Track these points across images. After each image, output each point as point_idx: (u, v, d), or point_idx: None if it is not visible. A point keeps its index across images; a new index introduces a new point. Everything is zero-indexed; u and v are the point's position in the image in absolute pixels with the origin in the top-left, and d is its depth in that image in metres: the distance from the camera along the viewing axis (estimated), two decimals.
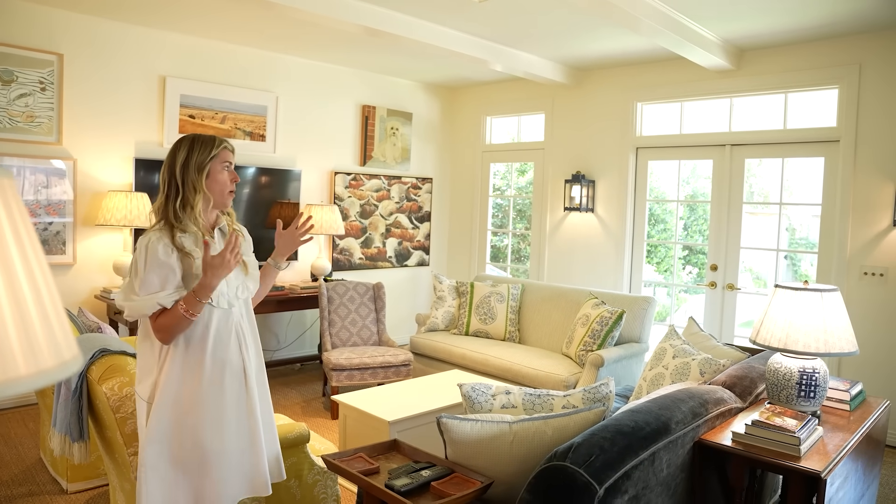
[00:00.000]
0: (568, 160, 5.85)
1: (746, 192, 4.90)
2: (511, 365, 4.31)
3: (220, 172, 2.00)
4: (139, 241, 1.91)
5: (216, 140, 2.00)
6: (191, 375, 1.93)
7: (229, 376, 1.97)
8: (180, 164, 1.96)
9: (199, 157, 1.97)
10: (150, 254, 1.87)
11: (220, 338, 1.96)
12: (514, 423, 2.01)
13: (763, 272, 8.23)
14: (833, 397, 2.46)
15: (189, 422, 1.91)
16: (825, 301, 2.20)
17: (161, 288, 1.87)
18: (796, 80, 4.46)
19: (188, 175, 1.95)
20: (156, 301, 1.85)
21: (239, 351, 2.00)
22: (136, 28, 4.70)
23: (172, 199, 1.95)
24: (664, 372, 3.16)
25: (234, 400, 1.98)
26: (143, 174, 4.73)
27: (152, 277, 1.87)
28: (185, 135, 2.04)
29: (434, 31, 4.54)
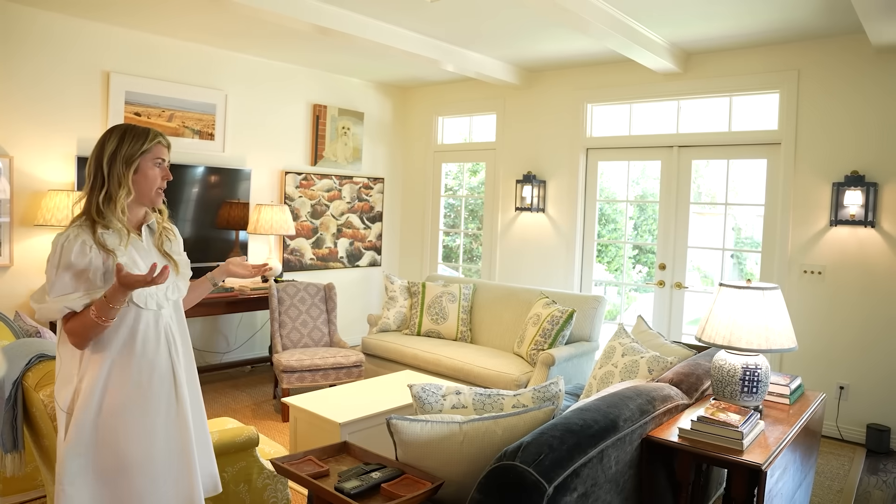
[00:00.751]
0: (519, 160, 5.89)
1: (694, 192, 5.03)
2: (463, 365, 4.31)
3: (151, 168, 1.87)
4: (55, 239, 1.78)
5: (150, 133, 1.88)
6: (115, 381, 1.79)
7: (157, 382, 1.85)
8: (108, 154, 1.82)
9: (128, 149, 1.83)
10: (64, 253, 1.74)
11: (148, 341, 1.84)
12: (465, 424, 2.00)
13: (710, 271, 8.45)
14: (774, 392, 2.54)
15: (113, 431, 1.78)
16: (767, 299, 2.27)
17: (73, 290, 1.74)
18: (740, 84, 4.60)
19: (115, 168, 1.81)
20: (64, 304, 1.72)
21: (168, 355, 1.88)
22: (78, 21, 4.51)
23: (97, 192, 1.81)
24: (613, 370, 3.21)
25: (164, 407, 1.86)
26: None
27: (64, 278, 1.74)
28: (118, 124, 1.91)
29: (386, 30, 4.51)
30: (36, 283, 4.43)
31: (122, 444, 1.79)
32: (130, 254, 1.83)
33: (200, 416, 2.01)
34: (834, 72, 4.25)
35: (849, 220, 4.14)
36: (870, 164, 4.13)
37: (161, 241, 1.98)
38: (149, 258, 1.89)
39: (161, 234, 1.98)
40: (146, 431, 1.82)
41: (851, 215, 4.12)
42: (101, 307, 1.70)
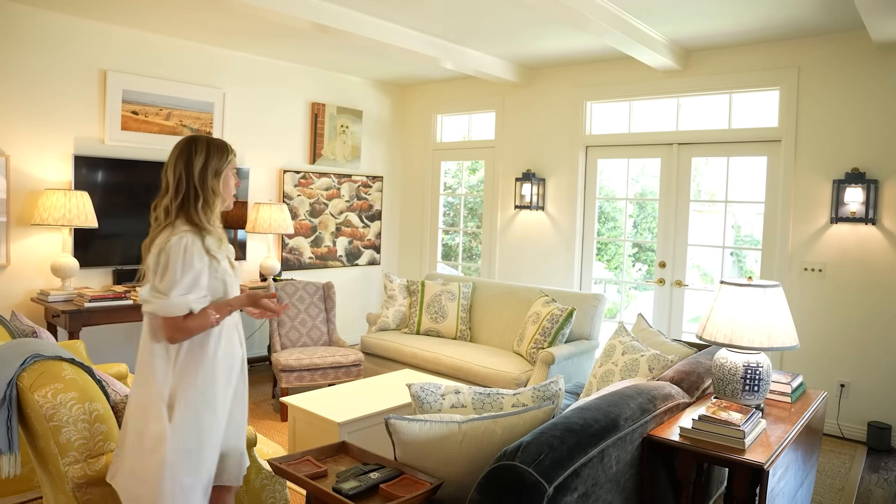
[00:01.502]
0: (518, 158, 5.87)
1: (694, 190, 5.01)
2: (462, 363, 4.29)
3: (231, 178, 2.12)
4: (173, 242, 1.92)
5: (228, 146, 2.11)
6: (208, 371, 1.97)
7: (235, 369, 2.08)
8: (199, 167, 2.00)
9: (216, 162, 2.04)
10: (188, 257, 1.91)
11: (230, 334, 2.06)
12: (464, 423, 1.99)
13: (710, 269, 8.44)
14: (776, 390, 2.53)
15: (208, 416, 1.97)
16: (768, 297, 2.25)
17: (190, 290, 1.91)
18: (740, 81, 4.58)
19: (207, 179, 2.00)
20: (188, 304, 1.89)
21: (240, 345, 2.12)
22: (74, 19, 4.48)
23: (193, 202, 1.99)
24: (614, 368, 3.20)
25: (240, 390, 2.11)
26: (84, 171, 4.51)
27: (186, 279, 1.90)
28: (195, 136, 2.07)
29: (384, 28, 4.49)
30: (33, 283, 4.41)
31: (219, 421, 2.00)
32: (224, 259, 2.04)
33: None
34: (834, 69, 4.23)
35: (849, 218, 4.12)
36: (870, 161, 4.11)
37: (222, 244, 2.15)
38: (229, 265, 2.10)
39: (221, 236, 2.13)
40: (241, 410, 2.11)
41: (852, 212, 4.10)
42: (223, 311, 1.97)
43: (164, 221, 1.99)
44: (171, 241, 1.92)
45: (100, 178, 4.60)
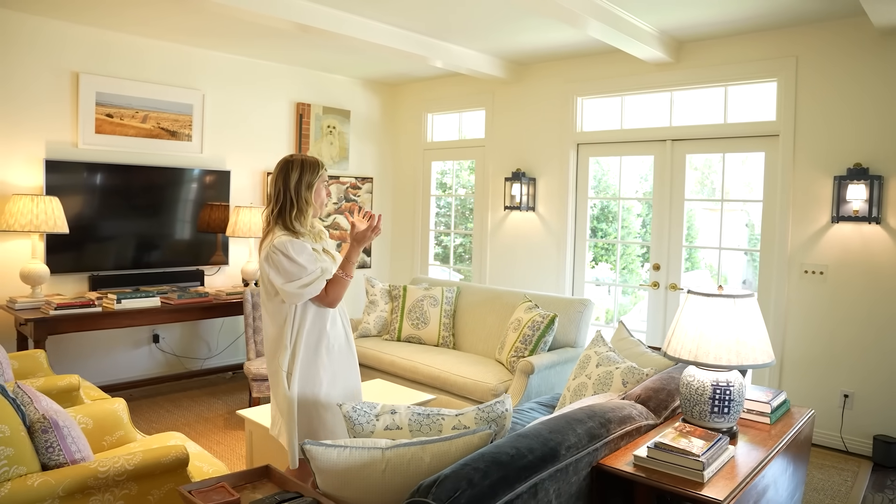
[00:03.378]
0: (508, 157, 5.66)
1: (709, 188, 4.77)
2: (440, 373, 4.10)
3: (322, 189, 2.47)
4: (276, 244, 2.32)
5: (320, 162, 2.45)
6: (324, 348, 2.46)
7: (349, 349, 2.56)
8: (294, 182, 2.37)
9: (308, 177, 2.39)
10: (297, 246, 2.33)
11: (338, 318, 2.52)
12: (388, 450, 1.79)
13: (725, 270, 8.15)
14: (754, 409, 2.30)
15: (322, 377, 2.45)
16: (738, 308, 2.03)
17: (314, 266, 2.34)
18: (735, 73, 4.32)
19: (301, 192, 2.37)
20: (322, 278, 2.35)
21: (346, 331, 2.57)
22: (42, 20, 4.36)
23: (288, 211, 2.37)
24: (587, 382, 2.98)
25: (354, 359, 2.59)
26: (56, 176, 4.39)
27: (307, 263, 2.33)
28: (292, 156, 2.45)
29: (367, 26, 4.32)
30: (5, 291, 4.31)
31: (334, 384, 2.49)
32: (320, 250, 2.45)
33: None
34: (834, 58, 3.96)
35: (852, 217, 3.85)
36: (874, 156, 3.84)
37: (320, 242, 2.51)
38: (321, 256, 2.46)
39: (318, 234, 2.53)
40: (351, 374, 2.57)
41: (855, 211, 3.83)
42: (347, 267, 2.40)
43: (266, 229, 2.43)
44: (275, 244, 2.33)
45: (73, 183, 4.48)
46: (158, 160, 4.93)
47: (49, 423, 2.14)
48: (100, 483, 2.11)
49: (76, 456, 2.20)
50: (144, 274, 4.87)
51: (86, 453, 2.25)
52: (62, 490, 2.03)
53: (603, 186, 8.15)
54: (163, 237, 4.99)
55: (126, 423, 2.78)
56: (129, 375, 4.90)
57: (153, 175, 4.87)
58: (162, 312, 4.39)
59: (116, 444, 2.73)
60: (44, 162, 4.36)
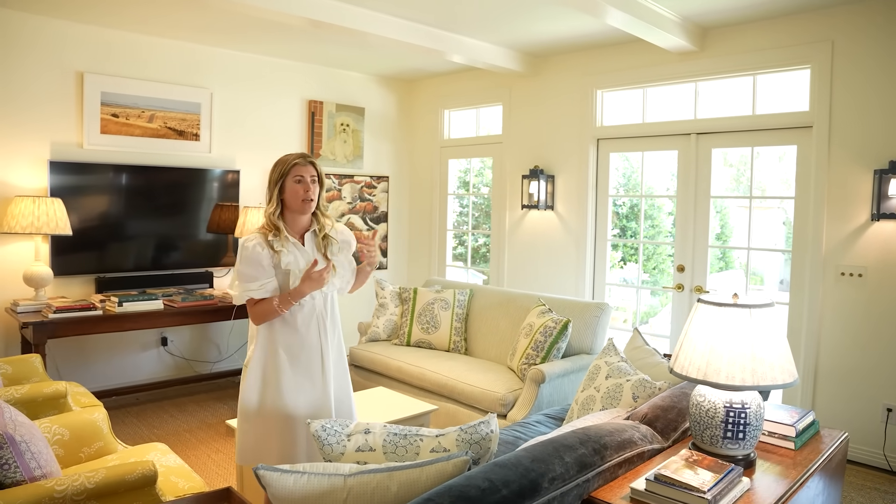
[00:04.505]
0: (526, 154, 5.43)
1: (745, 185, 4.48)
2: (447, 380, 3.90)
3: (293, 185, 2.35)
4: (240, 242, 2.35)
5: (290, 157, 2.38)
6: (276, 348, 2.39)
7: (307, 353, 2.41)
8: (271, 180, 2.37)
9: (276, 173, 2.36)
10: (242, 251, 2.33)
11: (303, 323, 2.40)
12: (351, 477, 1.61)
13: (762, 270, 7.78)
14: (776, 432, 2.04)
15: (272, 384, 2.38)
16: (754, 319, 1.78)
17: (252, 279, 2.31)
18: (765, 61, 4.02)
19: (273, 189, 2.37)
20: (247, 293, 2.32)
21: (318, 334, 2.43)
22: (45, 20, 4.30)
23: (269, 208, 2.37)
24: (595, 395, 2.75)
25: (311, 374, 2.42)
26: (61, 177, 4.33)
27: (245, 270, 2.32)
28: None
29: (377, 19, 4.15)
30: (9, 293, 4.26)
31: (277, 395, 2.38)
32: (293, 254, 2.37)
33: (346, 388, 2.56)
34: (874, 41, 3.63)
35: (894, 214, 3.52)
36: None
37: (323, 245, 2.45)
38: (310, 259, 2.38)
39: (323, 239, 2.45)
40: (294, 389, 2.40)
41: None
42: (284, 301, 2.32)
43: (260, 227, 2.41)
44: (240, 241, 2.35)
45: (79, 184, 4.42)
46: (166, 160, 4.84)
47: (3, 438, 2.01)
48: (56, 503, 1.97)
49: (35, 473, 2.07)
50: (153, 276, 4.79)
51: (48, 469, 2.12)
52: None
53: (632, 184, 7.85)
54: (172, 238, 4.90)
55: (105, 434, 2.66)
56: (136, 379, 4.83)
57: (161, 175, 4.79)
58: (165, 315, 4.29)
59: (95, 456, 2.61)
60: (48, 163, 4.30)
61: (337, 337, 2.53)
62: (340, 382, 2.54)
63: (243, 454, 2.45)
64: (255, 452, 2.43)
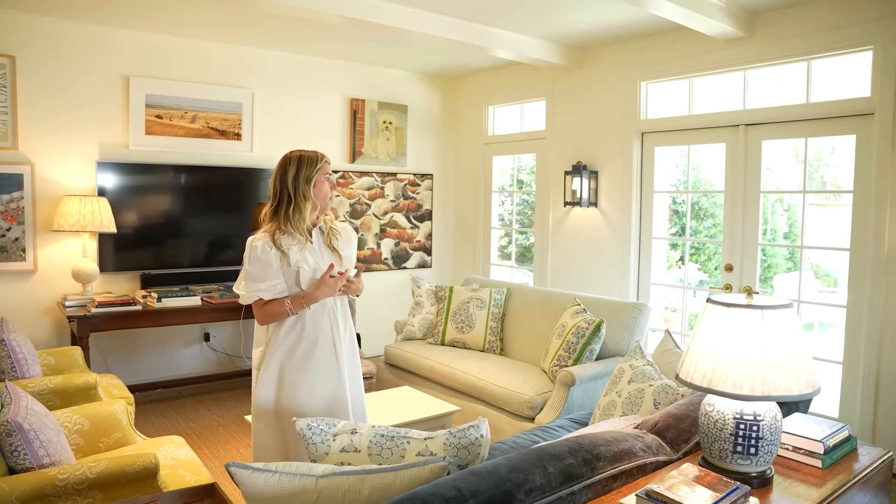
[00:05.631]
0: (569, 149, 5.26)
1: (818, 181, 4.19)
2: (476, 380, 3.81)
3: (324, 183, 2.39)
4: (248, 241, 2.34)
5: (319, 156, 2.38)
6: (290, 347, 2.37)
7: (320, 350, 2.39)
8: (291, 177, 2.33)
9: (307, 171, 2.33)
10: (251, 251, 2.32)
11: (316, 322, 2.39)
12: (323, 478, 1.56)
13: (834, 269, 7.28)
14: (802, 447, 1.85)
15: (288, 382, 2.36)
16: (767, 322, 1.61)
17: (262, 280, 2.31)
18: (820, 44, 3.72)
19: (299, 187, 2.32)
20: (256, 293, 2.32)
21: (331, 331, 2.41)
22: (94, 27, 4.48)
23: (285, 206, 2.33)
24: (616, 400, 2.61)
25: (326, 370, 2.40)
26: (108, 177, 4.50)
27: (253, 271, 2.32)
28: (290, 152, 2.39)
29: (416, 16, 4.14)
30: (61, 288, 4.45)
31: (293, 393, 2.37)
32: (303, 253, 2.35)
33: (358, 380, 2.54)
34: None
35: None
36: None
37: (329, 238, 2.45)
38: (318, 255, 2.40)
39: (329, 232, 2.45)
40: (310, 385, 2.38)
41: None
42: (296, 303, 2.32)
43: (263, 225, 2.39)
44: (249, 239, 2.34)
45: (124, 183, 4.58)
46: (208, 160, 4.96)
47: (12, 426, 2.07)
48: (58, 491, 2.01)
49: (44, 460, 2.13)
50: (196, 273, 4.92)
51: (57, 457, 2.17)
52: (16, 497, 1.94)
53: (695, 181, 7.51)
54: (215, 236, 5.01)
55: (125, 426, 2.72)
56: (180, 373, 4.97)
57: (203, 175, 4.91)
58: (202, 311, 4.39)
59: (113, 447, 2.67)
60: (96, 164, 4.47)
61: (349, 330, 2.51)
62: (353, 374, 2.52)
63: (259, 454, 2.43)
64: (270, 453, 2.41)
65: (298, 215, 2.35)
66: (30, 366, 3.18)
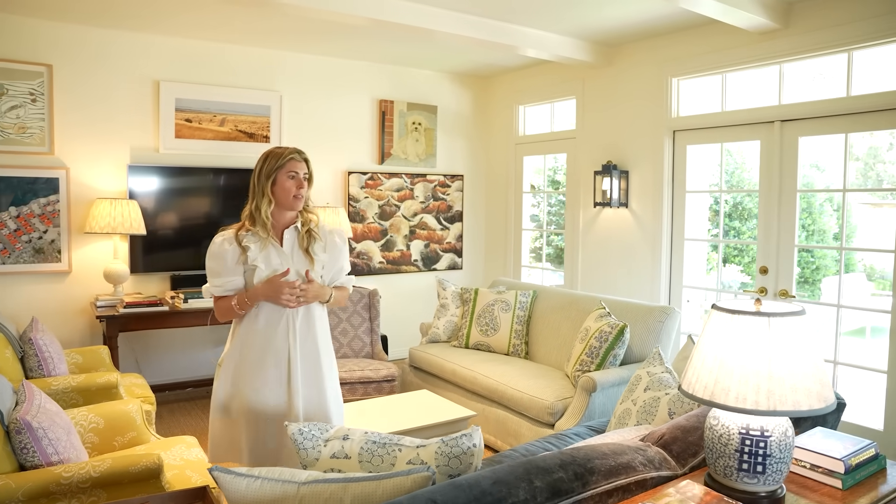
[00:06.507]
0: (599, 149, 5.13)
1: (874, 179, 3.98)
2: (497, 385, 3.74)
3: (286, 181, 2.28)
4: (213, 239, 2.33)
5: (285, 151, 2.30)
6: (243, 351, 2.30)
7: (272, 355, 2.28)
8: (256, 173, 2.28)
9: (267, 167, 2.27)
10: (212, 250, 2.28)
11: (270, 325, 2.28)
12: (305, 485, 1.52)
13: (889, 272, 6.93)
14: (820, 466, 1.73)
15: (238, 384, 2.29)
16: (774, 331, 1.50)
17: (217, 275, 2.26)
18: (862, 33, 3.51)
19: (261, 182, 2.26)
20: (210, 288, 2.29)
21: (286, 339, 2.29)
22: (125, 34, 4.60)
23: (250, 203, 2.28)
24: (631, 408, 2.51)
25: (275, 377, 2.28)
26: (139, 180, 4.61)
27: (210, 266, 2.29)
28: (271, 148, 2.35)
29: (440, 15, 4.12)
30: (93, 289, 4.58)
31: (245, 394, 2.28)
32: (266, 252, 2.28)
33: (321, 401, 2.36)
34: None
35: None
36: None
37: (306, 241, 2.34)
38: (285, 257, 2.30)
39: (305, 235, 2.34)
40: (259, 389, 2.28)
41: None
42: (240, 301, 2.24)
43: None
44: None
45: (155, 186, 4.68)
46: (236, 162, 5.03)
47: (21, 424, 2.11)
48: (63, 489, 2.04)
49: (52, 458, 2.16)
50: None
51: (66, 455, 2.21)
52: (22, 494, 1.98)
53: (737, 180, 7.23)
54: None
55: (139, 425, 2.75)
56: (211, 373, 5.05)
57: (232, 177, 4.97)
58: None
59: (127, 445, 2.71)
60: (127, 167, 4.58)
61: (313, 344, 2.34)
62: (314, 393, 2.35)
63: (215, 453, 2.37)
64: (226, 451, 2.35)
65: (259, 213, 2.27)
66: (55, 364, 3.26)
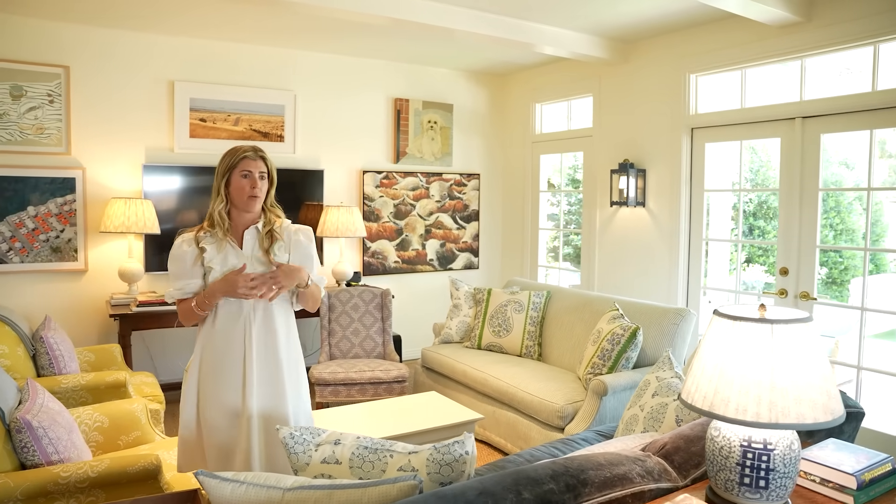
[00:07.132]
0: (616, 147, 5.03)
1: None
2: (507, 387, 3.68)
3: (239, 180, 2.22)
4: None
5: (239, 150, 2.24)
6: (204, 354, 2.24)
7: (230, 357, 2.21)
8: (217, 172, 2.24)
9: (222, 166, 2.23)
10: (172, 252, 2.24)
11: (227, 325, 2.22)
12: (289, 491, 1.50)
13: None
14: (831, 481, 1.65)
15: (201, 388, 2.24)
16: (777, 339, 1.43)
17: (177, 278, 2.22)
18: (889, 24, 3.37)
19: (215, 181, 2.24)
20: (171, 290, 2.24)
21: (242, 339, 2.22)
22: (140, 35, 4.63)
23: (211, 203, 2.25)
24: (639, 414, 2.44)
25: (233, 379, 2.20)
26: (154, 180, 4.65)
27: (171, 268, 2.25)
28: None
29: (457, 13, 4.09)
30: (109, 287, 4.62)
31: (204, 400, 2.22)
32: (223, 253, 2.22)
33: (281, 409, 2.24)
34: None
35: None
36: None
37: (266, 242, 2.27)
38: (244, 259, 2.23)
39: (266, 236, 2.27)
40: (217, 394, 2.21)
41: None
42: (199, 302, 2.18)
43: None
44: None
45: (169, 186, 4.71)
46: None
47: (21, 423, 2.12)
48: (61, 489, 2.05)
49: (53, 458, 2.17)
50: None
51: (66, 455, 2.22)
52: (20, 493, 1.99)
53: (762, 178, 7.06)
54: None
55: (143, 424, 2.76)
56: None
57: None
58: None
59: (132, 445, 2.71)
60: (142, 167, 4.61)
61: (273, 344, 2.25)
62: (270, 392, 2.24)
63: (182, 461, 2.30)
64: (192, 460, 2.28)
65: (213, 212, 2.23)
66: (66, 362, 3.29)
